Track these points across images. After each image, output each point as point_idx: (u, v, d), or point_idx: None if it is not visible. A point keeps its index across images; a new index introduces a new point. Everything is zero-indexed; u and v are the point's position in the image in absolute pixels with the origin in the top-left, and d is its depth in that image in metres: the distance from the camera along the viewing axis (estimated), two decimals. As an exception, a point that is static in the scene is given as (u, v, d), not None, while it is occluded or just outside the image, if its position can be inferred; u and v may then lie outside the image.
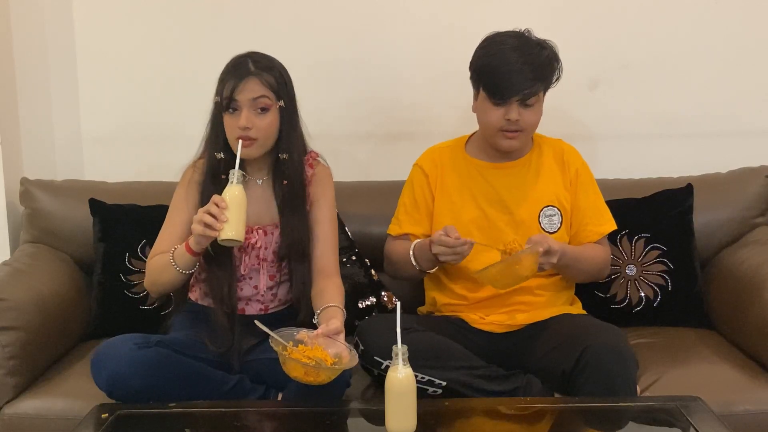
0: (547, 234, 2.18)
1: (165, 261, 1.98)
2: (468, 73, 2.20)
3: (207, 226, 1.86)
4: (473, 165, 2.25)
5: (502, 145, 2.16)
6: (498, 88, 2.10)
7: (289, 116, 2.05)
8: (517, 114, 2.10)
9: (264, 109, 1.99)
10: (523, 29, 2.17)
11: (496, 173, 2.23)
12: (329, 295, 2.00)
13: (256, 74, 1.99)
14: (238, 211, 1.88)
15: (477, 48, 2.18)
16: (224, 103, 1.99)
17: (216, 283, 2.04)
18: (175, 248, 1.97)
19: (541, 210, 2.21)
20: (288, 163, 2.07)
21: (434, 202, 2.25)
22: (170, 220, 2.09)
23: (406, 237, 2.26)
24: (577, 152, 2.30)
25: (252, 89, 1.98)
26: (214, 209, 1.86)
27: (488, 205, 2.21)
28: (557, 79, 2.18)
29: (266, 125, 2.00)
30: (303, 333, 1.83)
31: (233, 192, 1.89)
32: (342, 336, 1.85)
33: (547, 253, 2.01)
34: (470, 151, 2.28)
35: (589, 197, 2.26)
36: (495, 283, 2.04)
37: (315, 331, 1.83)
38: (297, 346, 1.78)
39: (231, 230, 1.87)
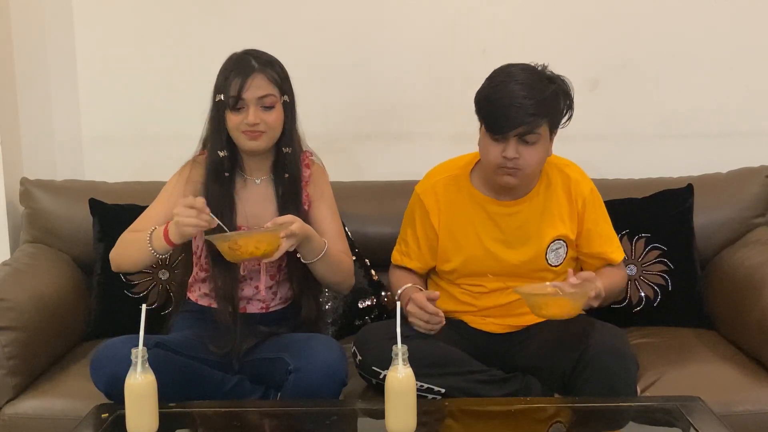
0: (553, 267, 2.14)
1: (141, 239, 1.95)
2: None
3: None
4: (478, 201, 2.15)
5: (499, 181, 2.06)
6: (495, 122, 1.99)
7: (292, 110, 2.06)
8: (514, 151, 1.99)
9: (270, 107, 2.00)
10: (538, 64, 2.03)
11: (501, 211, 2.13)
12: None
13: (260, 70, 1.99)
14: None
15: (486, 78, 2.07)
16: (230, 102, 1.98)
17: (219, 282, 2.04)
18: (154, 228, 1.95)
19: (548, 245, 2.14)
20: (291, 156, 2.07)
21: (438, 240, 2.18)
22: (159, 201, 2.07)
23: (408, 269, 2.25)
24: (585, 180, 2.18)
25: (258, 86, 1.98)
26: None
27: (493, 244, 2.14)
28: (569, 118, 2.05)
29: (273, 120, 2.01)
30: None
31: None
32: (296, 226, 1.88)
33: (596, 296, 1.95)
34: (475, 182, 2.17)
35: (598, 225, 2.18)
36: (535, 309, 1.91)
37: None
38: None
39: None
